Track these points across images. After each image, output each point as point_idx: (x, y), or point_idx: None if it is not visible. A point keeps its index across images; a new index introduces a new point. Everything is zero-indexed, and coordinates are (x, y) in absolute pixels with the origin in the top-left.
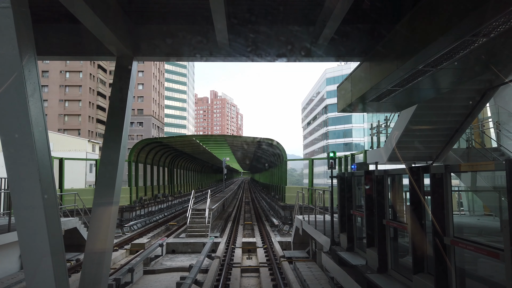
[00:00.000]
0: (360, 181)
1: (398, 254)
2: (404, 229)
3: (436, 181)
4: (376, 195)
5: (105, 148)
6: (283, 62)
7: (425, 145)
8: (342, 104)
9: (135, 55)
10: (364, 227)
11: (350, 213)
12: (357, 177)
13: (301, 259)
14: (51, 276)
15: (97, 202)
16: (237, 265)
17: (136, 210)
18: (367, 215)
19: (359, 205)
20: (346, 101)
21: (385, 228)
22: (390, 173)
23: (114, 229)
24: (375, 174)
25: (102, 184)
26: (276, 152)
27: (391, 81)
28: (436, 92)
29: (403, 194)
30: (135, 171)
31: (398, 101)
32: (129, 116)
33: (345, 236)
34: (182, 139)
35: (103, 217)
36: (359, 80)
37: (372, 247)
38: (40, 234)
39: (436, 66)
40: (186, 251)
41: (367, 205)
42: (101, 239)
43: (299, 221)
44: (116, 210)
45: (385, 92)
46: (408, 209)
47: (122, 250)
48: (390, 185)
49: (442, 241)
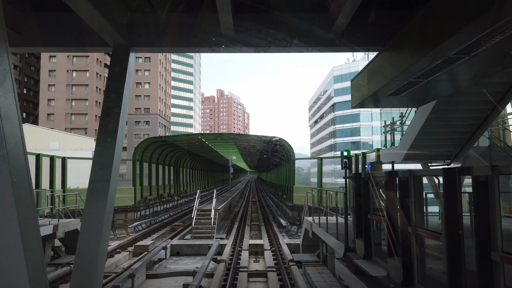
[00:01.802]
0: (380, 182)
1: (426, 266)
2: (436, 239)
3: (480, 184)
4: (399, 198)
5: (99, 147)
6: (293, 53)
7: (443, 143)
8: (357, 99)
9: (133, 45)
10: (385, 234)
11: (367, 218)
12: (377, 178)
13: (311, 263)
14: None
15: (88, 207)
16: (243, 269)
17: (141, 210)
18: (389, 220)
19: (378, 209)
20: (361, 95)
21: (411, 237)
22: (416, 174)
23: (107, 236)
24: (398, 175)
25: (95, 187)
26: (284, 150)
27: (415, 72)
28: (462, 85)
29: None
30: (139, 171)
31: (418, 96)
32: (126, 112)
33: (362, 243)
34: (187, 137)
35: (95, 223)
36: (377, 72)
37: (394, 256)
38: (13, 251)
39: (469, 53)
40: (191, 253)
41: (389, 209)
42: (92, 247)
43: (309, 223)
44: (110, 215)
45: (406, 85)
46: (442, 217)
47: (125, 252)
48: (416, 188)
49: (489, 256)
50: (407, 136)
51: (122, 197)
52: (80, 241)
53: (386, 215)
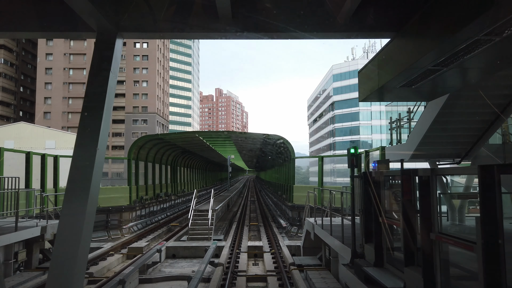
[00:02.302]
0: (394, 182)
1: (452, 279)
2: (469, 250)
3: None
4: (420, 200)
5: (80, 144)
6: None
7: (454, 140)
8: (365, 92)
9: (120, 30)
10: (400, 240)
11: (378, 221)
12: (390, 177)
13: (313, 267)
14: None
15: (66, 210)
16: (242, 273)
17: (136, 210)
18: (406, 225)
19: (392, 211)
20: (370, 88)
21: (433, 244)
22: (439, 172)
23: (88, 242)
24: (418, 174)
25: (74, 188)
26: (283, 149)
27: (436, 57)
28: (483, 73)
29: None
30: (135, 169)
31: (431, 88)
32: (111, 105)
33: (372, 248)
34: (184, 135)
35: (74, 228)
36: (389, 61)
37: (412, 266)
38: None
39: (501, 34)
40: (187, 255)
41: (406, 213)
42: (70, 255)
43: (311, 225)
44: (91, 219)
45: (422, 74)
46: (478, 223)
47: (118, 255)
48: (439, 189)
49: None
50: (415, 133)
51: (116, 196)
52: (56, 248)
53: (402, 219)
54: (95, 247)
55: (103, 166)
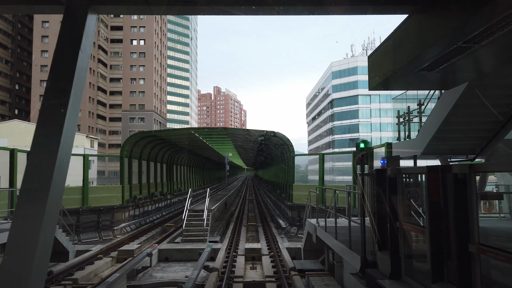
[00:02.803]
0: (411, 180)
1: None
2: None
3: None
4: (454, 203)
5: (39, 139)
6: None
7: (468, 135)
8: (376, 78)
9: (92, 3)
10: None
11: (395, 226)
12: (409, 175)
13: (315, 272)
14: None
15: (19, 216)
16: (239, 279)
17: (130, 210)
18: (433, 232)
19: (410, 214)
20: (383, 73)
21: (472, 258)
22: (479, 169)
23: (48, 252)
24: (453, 171)
25: (30, 189)
26: (282, 146)
27: (467, 32)
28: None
29: None
30: (128, 168)
31: (454, 72)
32: (81, 93)
33: (387, 257)
34: (179, 132)
35: (27, 237)
36: (408, 39)
37: (442, 282)
38: None
39: None
40: (181, 259)
41: (433, 217)
42: (21, 269)
43: (312, 227)
44: (52, 226)
45: (448, 54)
46: None
47: (107, 259)
48: (480, 190)
49: None
50: (427, 127)
51: (108, 196)
52: (4, 261)
53: (428, 225)
54: (82, 250)
55: (69, 162)
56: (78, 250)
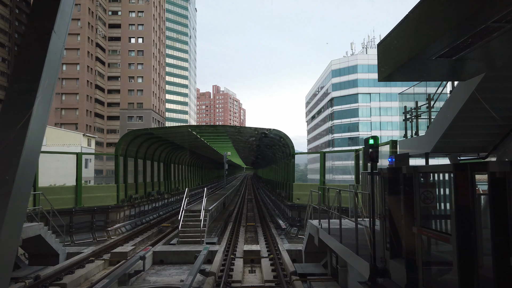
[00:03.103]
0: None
1: None
2: None
3: None
4: (488, 208)
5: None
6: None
7: (480, 131)
8: (387, 68)
9: None
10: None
11: (412, 232)
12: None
13: (317, 277)
14: None
15: None
16: (236, 283)
17: (125, 210)
18: (462, 241)
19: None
20: (396, 61)
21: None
22: None
23: (7, 269)
24: (489, 170)
25: None
26: (282, 145)
27: (505, 4)
28: None
29: None
30: (123, 166)
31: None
32: (54, 82)
33: (402, 266)
34: (176, 130)
35: None
36: (427, 21)
37: None
38: None
39: None
40: (176, 261)
41: (462, 224)
42: None
43: (314, 228)
44: (14, 235)
45: (474, 37)
46: None
47: (99, 261)
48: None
49: None
50: (437, 123)
51: (103, 195)
52: None
53: (456, 233)
54: (73, 252)
55: (37, 160)
56: (69, 252)
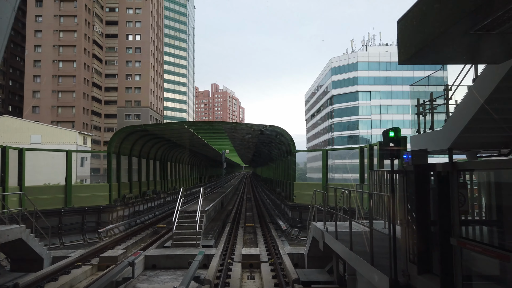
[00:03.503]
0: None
1: None
2: None
3: None
4: None
5: None
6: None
7: (503, 125)
8: (410, 48)
9: None
10: (506, 278)
11: (449, 244)
12: (474, 172)
13: (323, 285)
14: None
15: None
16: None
17: (118, 211)
18: None
19: (476, 228)
20: (421, 40)
21: None
22: None
23: None
24: None
25: None
26: (282, 142)
27: None
28: None
29: None
30: (116, 165)
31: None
32: (4, 45)
33: (434, 285)
34: (172, 126)
35: None
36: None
37: None
38: None
39: None
40: (170, 266)
41: None
42: None
43: (319, 232)
44: None
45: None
46: None
47: (86, 266)
48: None
49: None
50: (457, 116)
51: (94, 195)
52: None
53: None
54: (60, 257)
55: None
56: (56, 256)
